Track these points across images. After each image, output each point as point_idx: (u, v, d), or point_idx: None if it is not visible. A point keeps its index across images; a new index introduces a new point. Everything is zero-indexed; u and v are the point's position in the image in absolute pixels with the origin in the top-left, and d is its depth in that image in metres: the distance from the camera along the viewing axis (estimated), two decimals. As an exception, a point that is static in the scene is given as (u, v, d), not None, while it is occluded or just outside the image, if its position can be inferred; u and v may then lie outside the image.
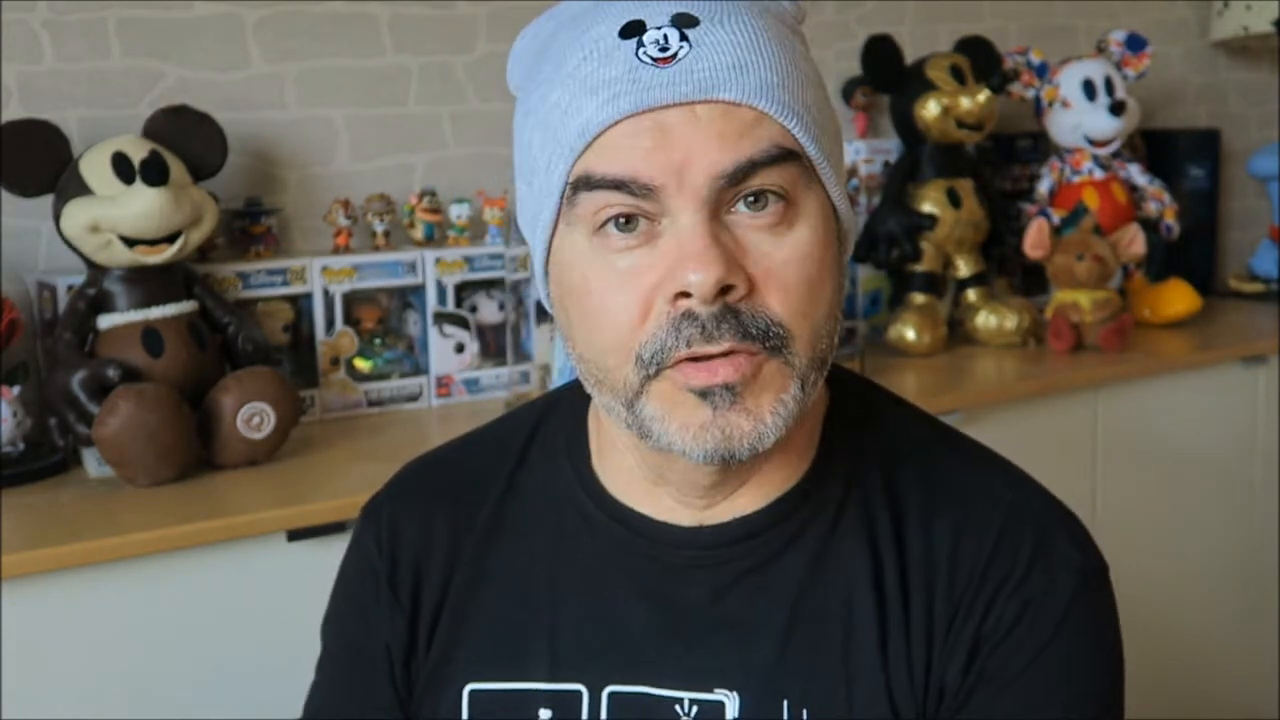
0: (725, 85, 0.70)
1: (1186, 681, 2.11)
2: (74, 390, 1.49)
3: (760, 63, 0.71)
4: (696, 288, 0.70)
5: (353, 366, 1.80)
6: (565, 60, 0.74)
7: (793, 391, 0.74)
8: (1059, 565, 0.80)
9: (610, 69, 0.71)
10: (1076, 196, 2.27)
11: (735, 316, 0.71)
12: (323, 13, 1.86)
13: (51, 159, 1.54)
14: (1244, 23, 2.61)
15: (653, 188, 0.70)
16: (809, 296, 0.73)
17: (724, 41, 0.71)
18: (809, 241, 0.73)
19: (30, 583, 1.28)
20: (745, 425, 0.73)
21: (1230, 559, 2.19)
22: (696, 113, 0.70)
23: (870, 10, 2.32)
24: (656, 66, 0.70)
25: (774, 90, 0.71)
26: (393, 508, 0.91)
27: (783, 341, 0.72)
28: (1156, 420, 2.07)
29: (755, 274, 0.72)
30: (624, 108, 0.70)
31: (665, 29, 0.71)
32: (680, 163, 0.70)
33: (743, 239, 0.72)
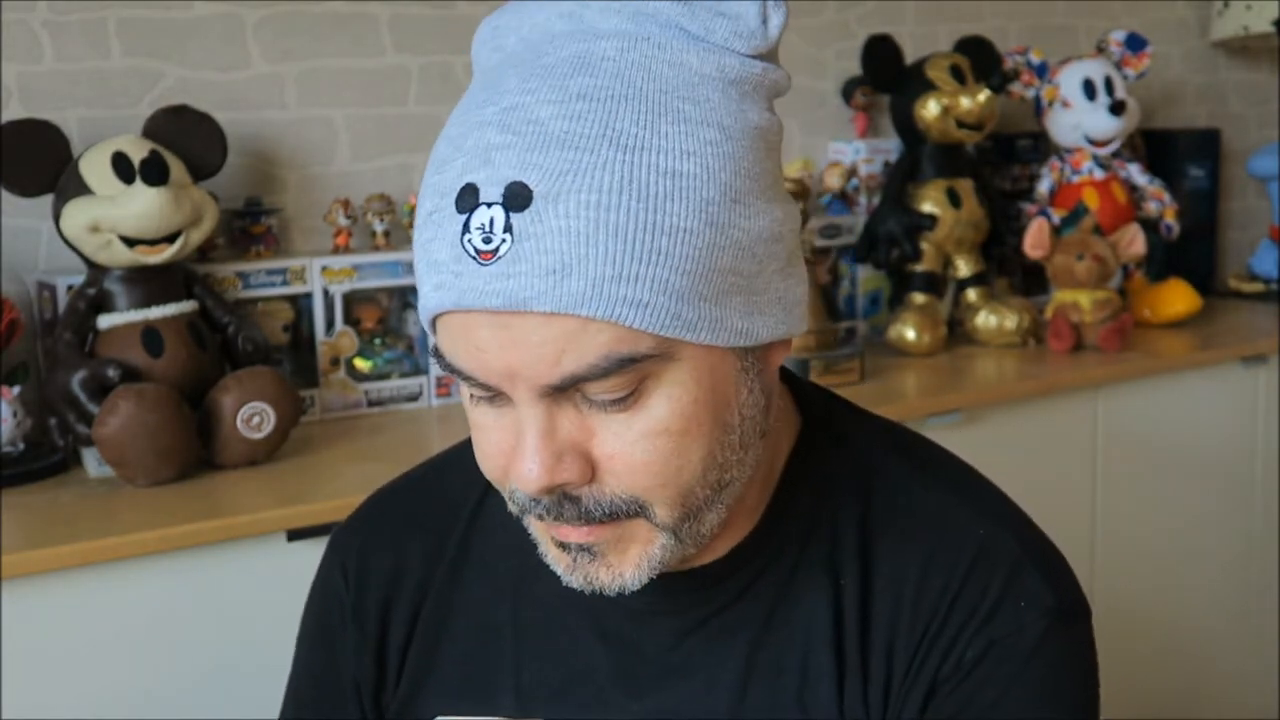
0: (539, 297, 0.63)
1: (1186, 681, 2.11)
2: (74, 390, 1.49)
3: (589, 257, 0.62)
4: (524, 488, 0.68)
5: (353, 366, 1.81)
6: (438, 177, 0.68)
7: (660, 543, 0.71)
8: (1028, 605, 0.75)
9: (442, 248, 0.65)
10: (1076, 196, 2.27)
11: (575, 503, 0.69)
12: (323, 13, 1.86)
13: (51, 159, 1.54)
14: (1244, 23, 2.61)
15: (490, 385, 0.67)
16: (663, 469, 0.68)
17: (550, 231, 0.62)
18: (666, 415, 0.67)
19: (30, 583, 1.28)
20: (605, 577, 0.72)
21: (1230, 559, 2.19)
22: (514, 324, 0.64)
23: (870, 10, 2.32)
24: (478, 261, 0.64)
25: (603, 287, 0.63)
26: (360, 538, 0.90)
27: (639, 510, 0.69)
28: (1156, 420, 2.07)
29: (600, 457, 0.68)
30: (446, 302, 0.66)
31: (494, 208, 0.63)
32: (506, 370, 0.66)
33: (589, 420, 0.67)
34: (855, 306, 2.19)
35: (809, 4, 2.25)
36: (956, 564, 0.76)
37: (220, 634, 1.38)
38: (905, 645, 0.76)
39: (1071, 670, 0.76)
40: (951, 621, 0.75)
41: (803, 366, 1.85)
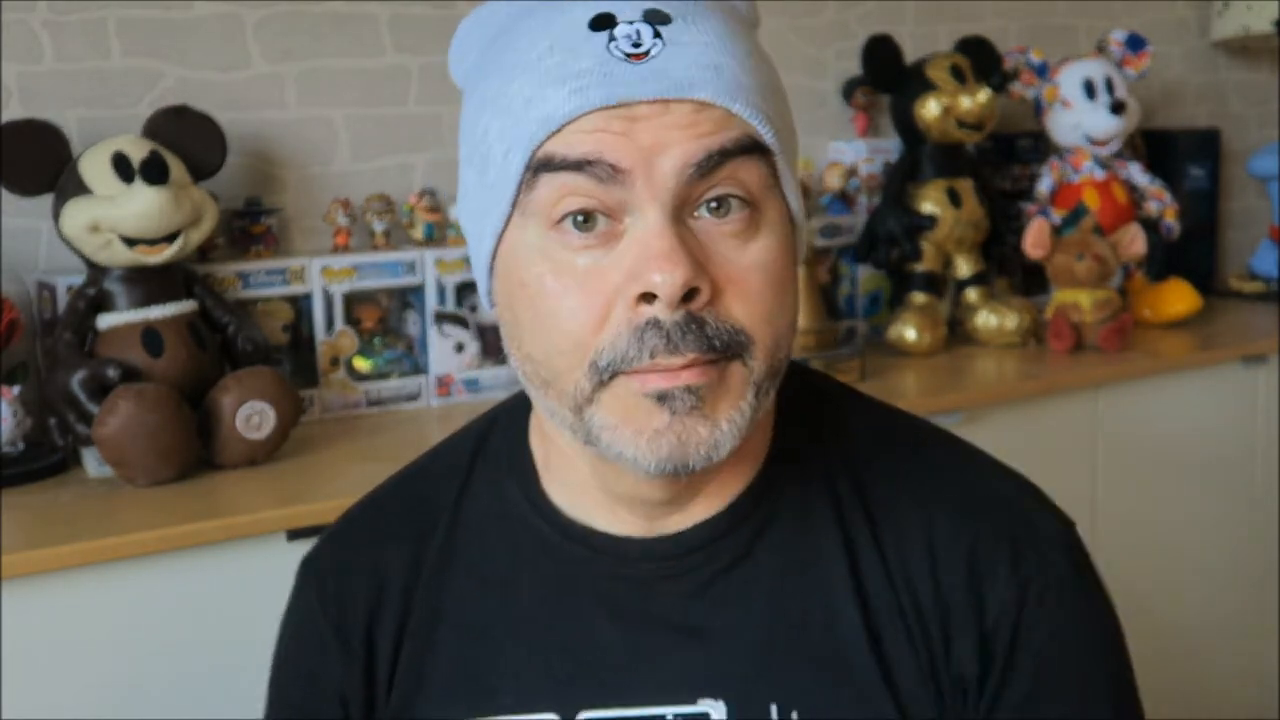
0: (700, 85, 0.68)
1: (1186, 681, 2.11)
2: (74, 390, 1.49)
3: (733, 64, 0.70)
4: (661, 289, 0.67)
5: (353, 366, 1.80)
6: (525, 51, 0.71)
7: (749, 399, 0.72)
8: (1043, 539, 0.80)
9: (580, 61, 0.68)
10: (1076, 196, 2.27)
11: (699, 327, 0.69)
12: (323, 13, 1.86)
13: (51, 159, 1.54)
14: (1244, 23, 2.61)
15: (619, 170, 0.67)
16: (773, 303, 0.71)
17: (697, 41, 0.69)
18: (773, 249, 0.72)
19: (30, 583, 1.28)
20: (702, 431, 0.70)
21: (1230, 559, 2.19)
22: (669, 108, 0.68)
23: (870, 10, 2.32)
24: (629, 62, 0.68)
25: (747, 93, 0.70)
26: (335, 558, 0.88)
27: (744, 348, 0.70)
28: (1156, 420, 2.07)
29: (719, 279, 0.70)
30: (594, 100, 0.67)
31: (638, 24, 0.69)
32: (649, 149, 0.67)
33: (707, 244, 0.70)
34: (855, 306, 2.19)
35: (809, 4, 2.25)
36: (965, 516, 0.79)
37: (220, 634, 1.38)
38: (932, 601, 0.78)
39: (1094, 575, 0.82)
40: (978, 571, 0.78)
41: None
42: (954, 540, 0.79)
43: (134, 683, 1.34)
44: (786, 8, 2.22)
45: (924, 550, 0.79)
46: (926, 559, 0.79)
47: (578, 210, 0.69)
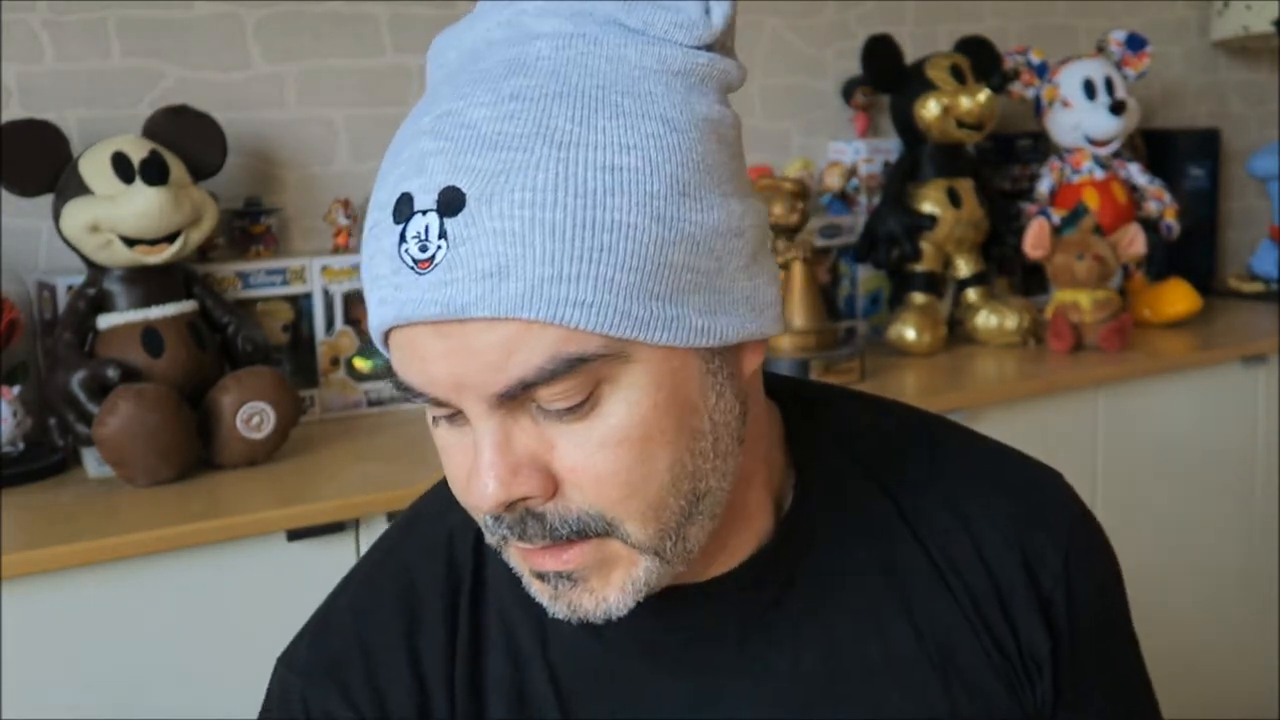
0: (478, 302, 0.60)
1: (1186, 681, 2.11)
2: (74, 390, 1.49)
3: (526, 258, 0.60)
4: (480, 505, 0.64)
5: (353, 366, 1.80)
6: (376, 194, 0.66)
7: (644, 565, 0.67)
8: (1062, 503, 0.82)
9: (382, 262, 0.64)
10: (1076, 196, 2.27)
11: (540, 520, 0.65)
12: (323, 13, 1.86)
13: (51, 159, 1.54)
14: (1244, 23, 2.61)
15: (442, 400, 0.65)
16: (628, 480, 0.64)
17: (485, 233, 0.60)
18: (625, 422, 0.63)
19: (30, 583, 1.28)
20: (588, 604, 0.67)
21: (1230, 559, 2.19)
22: (456, 332, 0.62)
23: (870, 10, 2.32)
24: (415, 270, 0.61)
25: (543, 288, 0.60)
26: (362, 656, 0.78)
27: (607, 529, 0.65)
28: (1156, 420, 2.07)
29: (560, 470, 0.64)
30: (388, 318, 0.64)
31: (429, 215, 0.61)
32: (453, 382, 0.63)
33: (546, 431, 0.64)
34: (855, 306, 2.20)
35: (809, 4, 2.25)
36: (996, 494, 0.80)
37: (220, 634, 1.38)
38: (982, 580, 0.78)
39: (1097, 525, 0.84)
40: (1024, 547, 0.79)
41: (803, 366, 1.85)
42: (993, 525, 0.79)
43: (134, 683, 1.34)
44: (786, 8, 2.22)
45: (967, 541, 0.79)
46: (971, 549, 0.78)
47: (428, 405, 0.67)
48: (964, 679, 0.76)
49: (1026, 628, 0.78)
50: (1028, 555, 0.78)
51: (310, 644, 0.80)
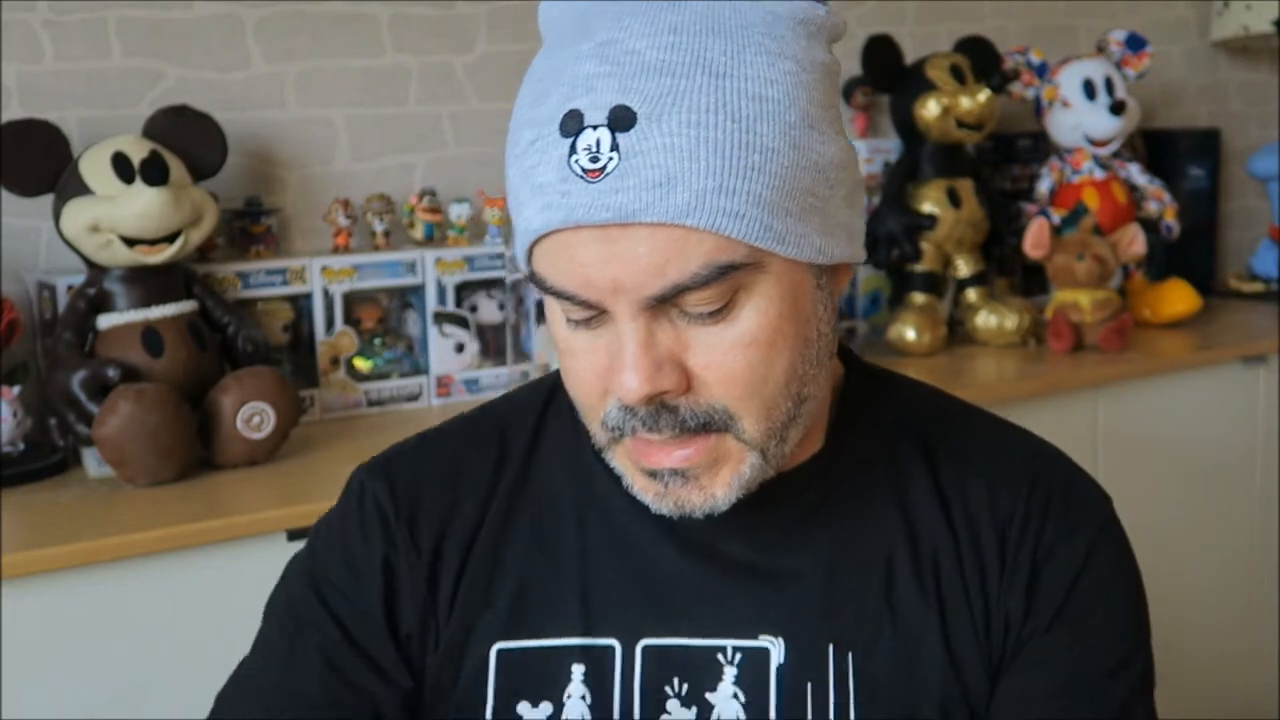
0: (648, 208, 0.68)
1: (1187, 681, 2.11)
2: (74, 390, 1.49)
3: (693, 171, 0.68)
4: (625, 397, 0.72)
5: (353, 366, 1.81)
6: (528, 121, 0.73)
7: (750, 462, 0.75)
8: (1087, 499, 0.88)
9: (546, 171, 0.70)
10: (1076, 196, 2.27)
11: (672, 412, 0.73)
12: (323, 13, 1.86)
13: (51, 159, 1.54)
14: (1244, 23, 2.61)
15: (591, 302, 0.72)
16: (755, 377, 0.73)
17: (656, 148, 0.68)
18: (756, 324, 0.72)
19: (30, 583, 1.29)
20: (696, 498, 0.75)
21: (1230, 559, 2.19)
22: (621, 237, 0.69)
23: (870, 10, 2.32)
24: (586, 179, 0.69)
25: (706, 199, 0.68)
26: (411, 464, 0.89)
27: (728, 423, 0.74)
28: (1156, 420, 2.07)
29: (695, 367, 0.73)
30: (554, 221, 0.70)
31: (600, 129, 0.69)
32: (612, 284, 0.70)
33: (684, 332, 0.72)
34: (855, 306, 2.20)
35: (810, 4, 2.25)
36: (1020, 476, 0.86)
37: (220, 634, 1.38)
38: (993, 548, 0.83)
39: (1125, 541, 0.90)
40: (1032, 518, 0.84)
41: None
42: (1014, 495, 0.85)
43: (134, 683, 1.34)
44: (786, 8, 2.22)
45: (987, 500, 0.85)
46: (988, 507, 0.84)
47: (571, 309, 0.74)
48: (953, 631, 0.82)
49: (1010, 587, 0.83)
50: (1040, 537, 0.84)
51: (383, 453, 0.91)
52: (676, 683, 0.81)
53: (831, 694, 0.80)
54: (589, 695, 0.82)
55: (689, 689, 0.81)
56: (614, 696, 0.82)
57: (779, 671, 0.81)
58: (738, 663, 0.81)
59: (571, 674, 0.82)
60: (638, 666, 0.82)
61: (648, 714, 0.81)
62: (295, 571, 0.92)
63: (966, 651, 0.82)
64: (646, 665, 0.82)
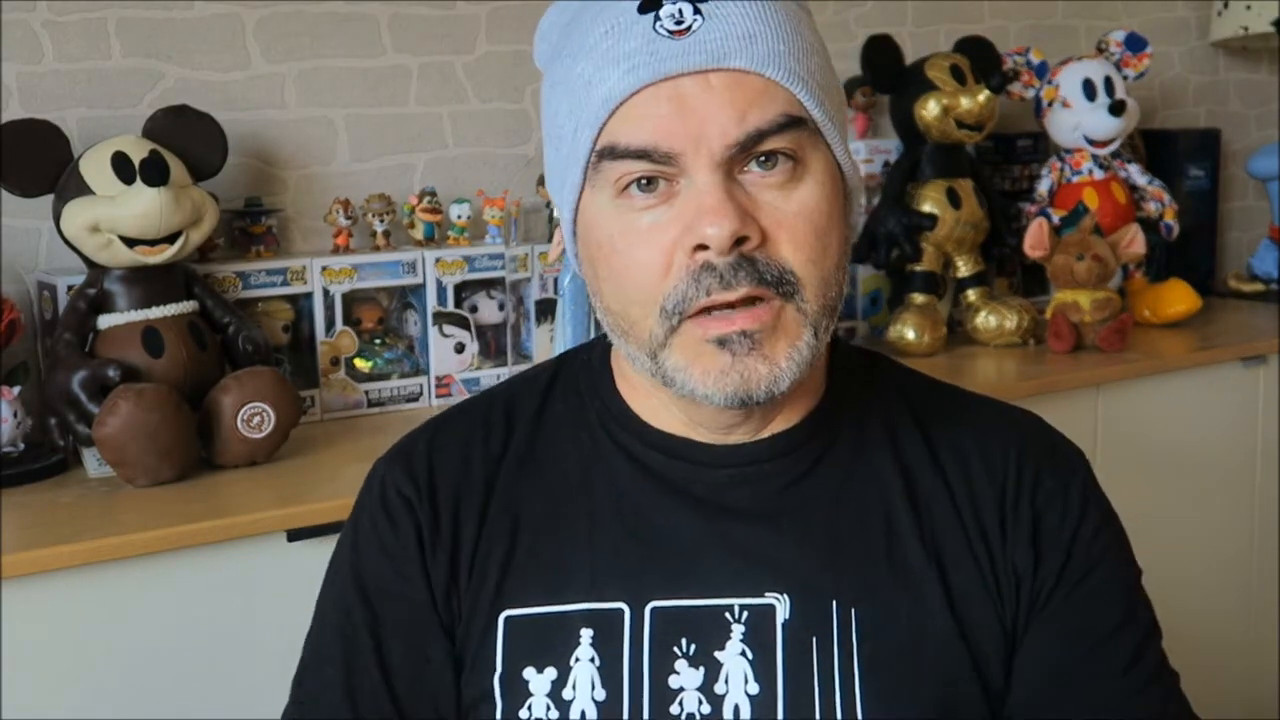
0: (735, 54, 0.76)
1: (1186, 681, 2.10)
2: (74, 390, 1.49)
3: (768, 32, 0.77)
4: (713, 240, 0.76)
5: (353, 366, 1.80)
6: (588, 34, 0.79)
7: (806, 338, 0.80)
8: (1071, 455, 0.93)
9: (630, 41, 0.77)
10: (1076, 196, 2.27)
11: (751, 264, 0.77)
12: (323, 13, 1.86)
13: (51, 159, 1.54)
14: (1244, 23, 2.61)
15: (672, 154, 0.76)
16: (818, 246, 0.79)
17: (734, 14, 0.77)
18: (816, 196, 0.79)
19: (30, 583, 1.28)
20: (762, 369, 0.79)
21: (1230, 559, 2.19)
22: (710, 81, 0.76)
23: (870, 10, 2.32)
24: (673, 38, 0.76)
25: (781, 58, 0.77)
26: (425, 446, 0.92)
27: (794, 288, 0.78)
28: (1156, 420, 2.07)
29: (767, 226, 0.78)
30: (643, 77, 0.76)
31: (681, 3, 0.77)
32: (696, 131, 0.76)
33: (755, 195, 0.78)
34: (855, 306, 2.19)
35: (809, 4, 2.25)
36: (1009, 435, 0.91)
37: (220, 634, 1.38)
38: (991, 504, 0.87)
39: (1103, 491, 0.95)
40: (1026, 472, 0.88)
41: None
42: (1005, 450, 0.89)
43: (134, 683, 1.34)
44: (786, 8, 2.22)
45: (979, 457, 0.89)
46: (982, 463, 0.88)
47: (640, 177, 0.78)
48: (956, 586, 0.85)
49: (1015, 541, 0.86)
50: (1037, 488, 0.88)
51: (398, 442, 0.95)
52: (685, 643, 0.83)
53: (836, 649, 0.83)
54: (598, 658, 0.83)
55: (697, 649, 0.83)
56: (623, 659, 0.83)
57: (784, 628, 0.83)
58: (745, 620, 0.83)
59: (580, 638, 0.84)
60: (646, 628, 0.84)
61: (657, 675, 0.83)
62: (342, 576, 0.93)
63: (970, 605, 0.85)
64: (655, 627, 0.83)
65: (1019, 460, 0.89)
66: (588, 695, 0.82)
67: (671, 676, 0.82)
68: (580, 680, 0.83)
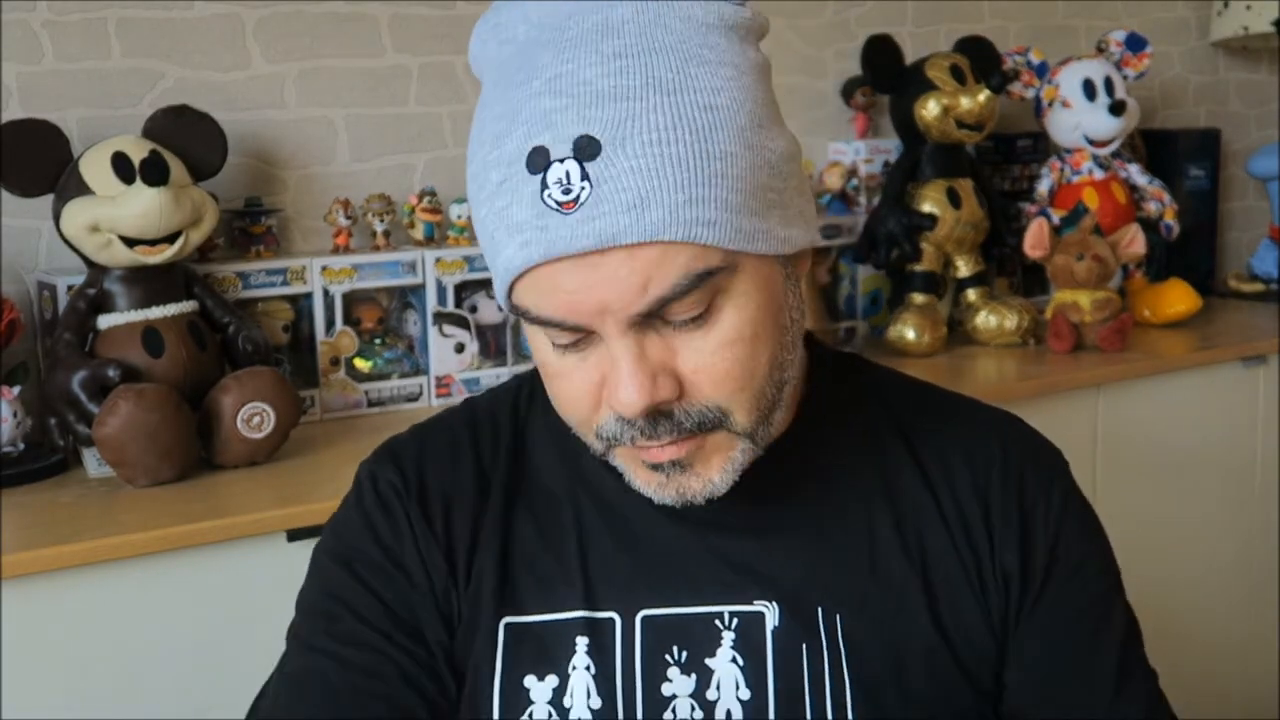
0: (626, 230, 0.71)
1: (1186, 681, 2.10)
2: (74, 390, 1.49)
3: (662, 188, 0.71)
4: (625, 411, 0.75)
5: (353, 366, 1.80)
6: (490, 151, 0.75)
7: (740, 447, 0.79)
8: (1053, 455, 0.94)
9: (521, 209, 0.72)
10: (1076, 196, 2.27)
11: (669, 418, 0.76)
12: (323, 13, 1.86)
13: (51, 159, 1.54)
14: (1244, 23, 2.61)
15: (580, 324, 0.74)
16: (741, 374, 0.77)
17: (624, 171, 0.71)
18: (738, 324, 0.76)
19: (30, 583, 1.28)
20: (695, 485, 0.79)
21: (1230, 559, 2.19)
22: (605, 258, 0.72)
23: (870, 10, 2.32)
24: (561, 211, 0.71)
25: (679, 213, 0.71)
26: (416, 447, 0.92)
27: (720, 419, 0.77)
28: (1156, 420, 2.07)
29: (685, 372, 0.76)
30: (535, 255, 0.72)
31: (568, 161, 0.71)
32: (598, 304, 0.73)
33: (671, 341, 0.75)
34: (855, 306, 2.19)
35: (809, 4, 2.25)
36: (990, 434, 0.91)
37: (220, 634, 1.38)
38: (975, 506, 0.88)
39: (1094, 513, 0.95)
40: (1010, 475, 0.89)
41: (803, 366, 1.84)
42: (988, 452, 0.90)
43: (134, 683, 1.34)
44: (786, 8, 2.22)
45: (962, 460, 0.89)
46: (965, 466, 0.89)
47: (558, 335, 0.77)
48: (941, 590, 0.86)
49: (1002, 543, 0.87)
50: (1022, 489, 0.89)
51: (381, 445, 0.94)
52: (676, 651, 0.84)
53: (826, 655, 0.83)
54: (593, 666, 0.84)
55: (688, 656, 0.84)
56: (616, 667, 0.84)
57: (774, 634, 0.84)
58: (735, 628, 0.84)
59: (576, 646, 0.84)
60: (638, 637, 0.84)
61: (650, 683, 0.83)
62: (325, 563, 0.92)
63: (956, 608, 0.86)
64: (646, 635, 0.84)
65: (1003, 462, 0.89)
66: (584, 703, 0.83)
67: (664, 684, 0.83)
68: (577, 688, 0.83)
